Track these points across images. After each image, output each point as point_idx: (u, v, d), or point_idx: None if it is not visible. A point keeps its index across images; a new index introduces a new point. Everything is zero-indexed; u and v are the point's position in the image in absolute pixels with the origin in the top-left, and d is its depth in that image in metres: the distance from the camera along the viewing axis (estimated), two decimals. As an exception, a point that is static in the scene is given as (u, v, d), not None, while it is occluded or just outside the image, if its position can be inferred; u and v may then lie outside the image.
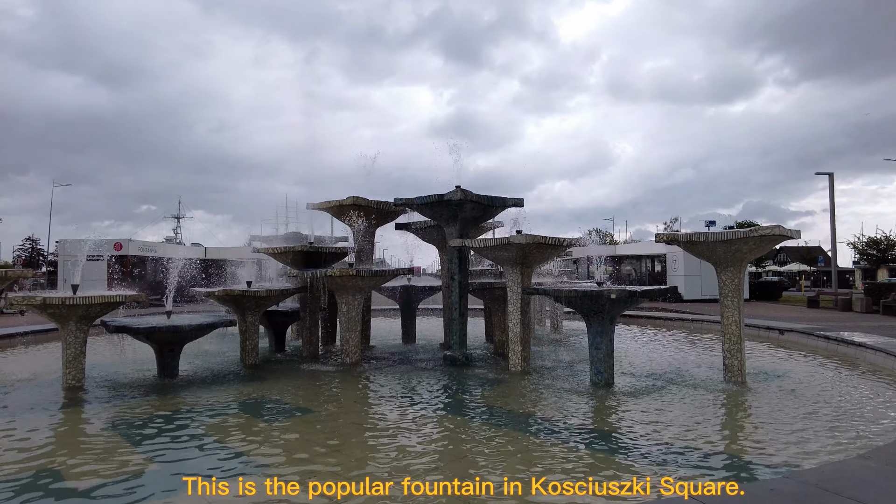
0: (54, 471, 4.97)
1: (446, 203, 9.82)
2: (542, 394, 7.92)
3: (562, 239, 9.20)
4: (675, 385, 8.40)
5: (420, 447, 5.63)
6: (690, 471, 4.88)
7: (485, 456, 5.33)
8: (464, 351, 10.33)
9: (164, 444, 5.75)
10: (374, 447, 5.64)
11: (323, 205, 11.94)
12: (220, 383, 8.83)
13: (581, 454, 5.37)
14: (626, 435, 5.97)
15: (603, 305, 8.15)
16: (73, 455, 5.37)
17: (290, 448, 5.61)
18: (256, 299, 10.20)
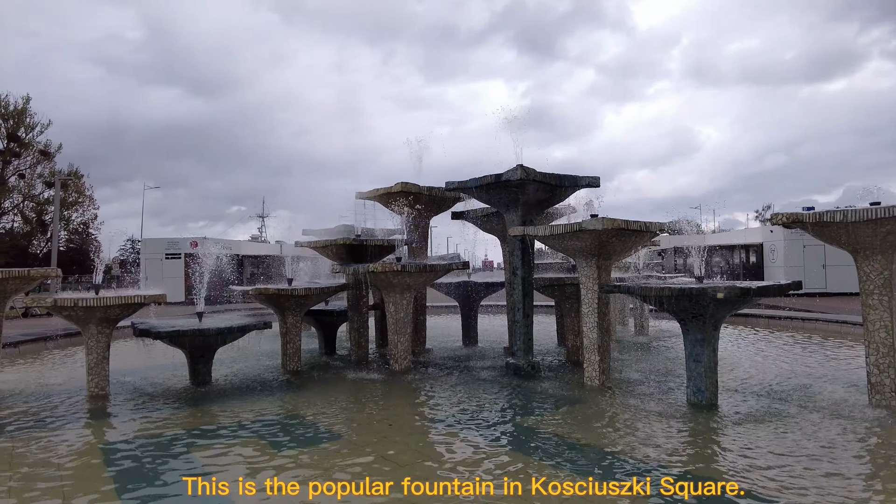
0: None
1: (504, 184, 8.31)
2: (627, 419, 6.28)
3: (649, 223, 7.46)
4: (801, 408, 6.51)
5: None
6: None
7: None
8: (529, 358, 8.81)
9: (143, 478, 4.68)
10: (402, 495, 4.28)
11: (370, 193, 10.77)
12: (252, 394, 7.83)
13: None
14: (747, 485, 4.27)
15: (705, 307, 6.39)
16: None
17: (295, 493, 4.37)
18: (295, 298, 9.15)
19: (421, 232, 10.85)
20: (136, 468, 5.00)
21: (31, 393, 7.98)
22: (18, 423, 6.45)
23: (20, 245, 41.12)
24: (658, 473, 4.64)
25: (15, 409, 7.13)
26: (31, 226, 44.15)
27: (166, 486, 4.60)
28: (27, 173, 43.45)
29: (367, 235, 10.87)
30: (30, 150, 43.57)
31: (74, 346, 12.08)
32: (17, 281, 8.12)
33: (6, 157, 43.48)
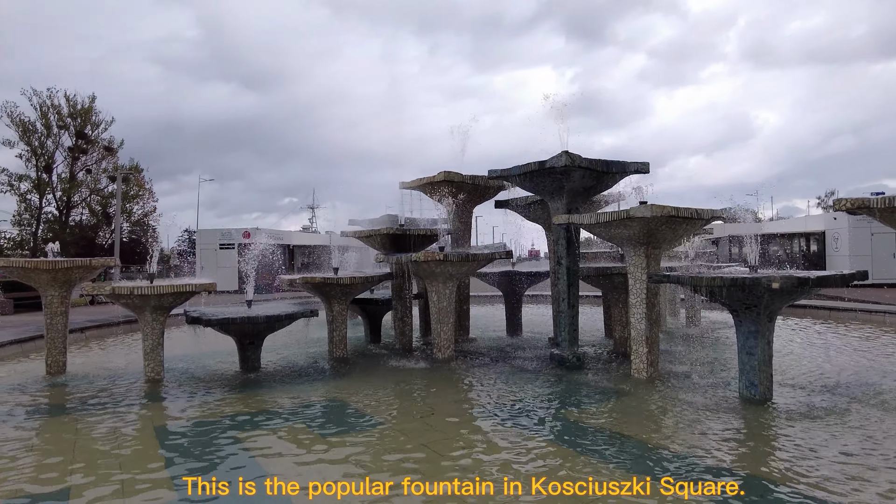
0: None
1: (549, 171, 8.14)
2: (676, 413, 6.07)
3: (700, 210, 7.16)
4: (863, 405, 6.14)
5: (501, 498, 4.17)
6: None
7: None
8: (574, 350, 8.64)
9: (192, 454, 4.84)
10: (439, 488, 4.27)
11: (414, 183, 10.77)
12: (300, 380, 8.00)
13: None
14: (807, 487, 4.05)
15: (759, 298, 6.09)
16: (83, 469, 4.61)
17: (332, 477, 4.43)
18: (340, 287, 9.27)
19: (464, 221, 10.80)
20: (186, 448, 5.19)
21: (96, 376, 8.40)
22: (83, 404, 6.81)
23: (88, 236, 43.39)
24: (711, 470, 4.46)
25: (81, 390, 7.52)
26: (98, 218, 46.46)
27: (213, 464, 4.75)
28: (93, 168, 45.66)
29: (411, 225, 10.89)
30: (95, 146, 45.76)
31: (135, 333, 12.63)
32: (81, 270, 8.55)
33: (75, 153, 45.84)
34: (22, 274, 8.37)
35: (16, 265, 8.29)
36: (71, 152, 45.60)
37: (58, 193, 44.77)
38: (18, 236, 47.12)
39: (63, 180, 45.08)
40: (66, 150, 45.52)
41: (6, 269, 8.33)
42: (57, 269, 8.24)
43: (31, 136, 43.73)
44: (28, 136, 43.70)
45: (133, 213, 50.70)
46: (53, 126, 44.58)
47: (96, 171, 46.32)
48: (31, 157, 43.77)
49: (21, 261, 8.34)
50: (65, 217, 45.47)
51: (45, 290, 8.49)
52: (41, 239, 44.06)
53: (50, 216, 45.10)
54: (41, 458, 5.01)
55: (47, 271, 8.24)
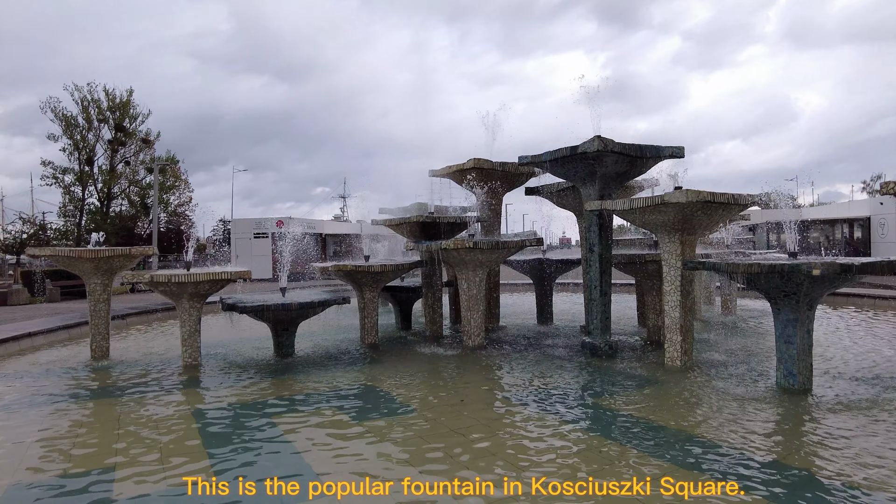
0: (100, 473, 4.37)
1: (581, 157, 8.02)
2: (710, 402, 5.95)
3: (737, 196, 6.97)
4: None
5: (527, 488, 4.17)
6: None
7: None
8: (606, 338, 8.55)
9: (228, 436, 4.96)
10: (466, 481, 4.29)
11: (443, 170, 10.74)
12: (333, 365, 8.12)
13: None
14: (847, 480, 3.94)
15: (798, 285, 5.90)
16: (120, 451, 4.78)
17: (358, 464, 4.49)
18: (371, 275, 9.35)
19: (494, 208, 10.73)
20: (221, 430, 5.33)
21: (137, 361, 8.69)
22: (125, 388, 7.05)
23: (127, 226, 44.65)
24: (746, 463, 4.38)
25: (123, 375, 7.79)
26: (136, 209, 47.77)
27: (247, 446, 4.86)
28: (131, 160, 46.89)
29: (441, 213, 10.89)
30: (133, 138, 46.95)
31: (173, 320, 13.00)
32: (121, 258, 8.82)
33: (114, 146, 47.15)
34: (67, 262, 8.68)
35: (62, 254, 8.60)
36: (110, 145, 46.91)
37: (99, 185, 46.17)
38: (64, 227, 48.80)
39: (103, 172, 46.46)
40: (105, 142, 46.85)
41: (53, 257, 8.64)
42: (99, 257, 8.52)
43: (73, 130, 45.12)
44: (70, 130, 45.10)
45: (170, 203, 51.97)
46: (94, 120, 45.90)
47: (134, 163, 47.58)
48: (74, 151, 45.20)
49: (66, 250, 8.64)
50: (106, 208, 46.88)
51: (89, 278, 8.79)
52: (84, 229, 45.55)
53: (92, 207, 46.57)
54: (88, 438, 5.21)
55: (90, 260, 8.53)
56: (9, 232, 45.10)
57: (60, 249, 8.70)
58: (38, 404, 6.32)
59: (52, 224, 47.06)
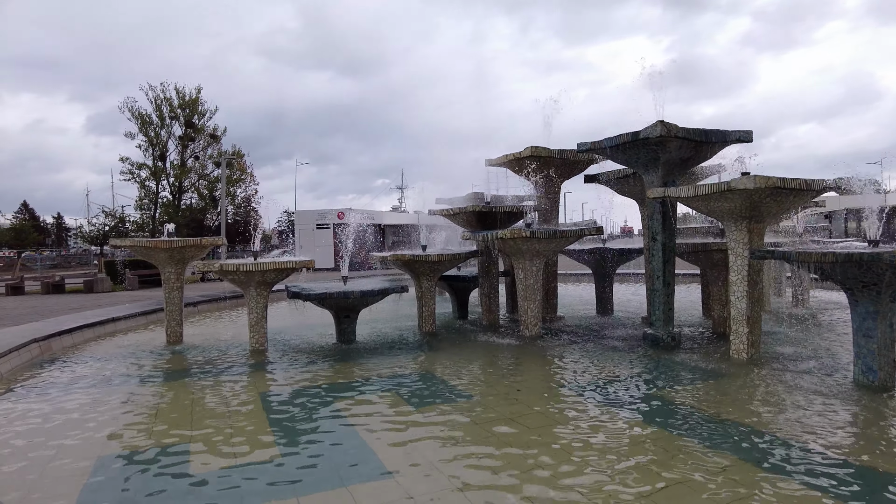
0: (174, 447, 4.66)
1: (643, 143, 7.80)
2: (780, 397, 5.71)
3: (810, 181, 6.61)
4: None
5: (586, 483, 4.15)
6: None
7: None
8: (669, 329, 8.33)
9: (293, 416, 5.17)
10: (523, 469, 4.31)
11: (500, 160, 10.69)
12: (392, 352, 8.30)
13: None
14: (928, 484, 3.71)
15: (880, 275, 5.56)
16: (187, 427, 5.06)
17: (412, 451, 4.59)
18: (428, 264, 9.46)
19: (551, 197, 10.61)
20: (287, 410, 5.56)
21: (208, 346, 9.16)
22: (197, 371, 7.46)
23: (197, 219, 46.87)
24: (824, 464, 4.19)
25: (196, 358, 8.24)
26: (206, 201, 49.98)
27: (311, 426, 5.06)
28: (200, 155, 49.03)
29: (497, 202, 10.87)
30: (202, 134, 49.10)
31: (241, 307, 13.60)
32: (193, 249, 9.29)
33: (184, 141, 49.48)
34: (144, 253, 9.24)
35: (139, 245, 9.16)
36: (181, 140, 49.25)
37: (171, 179, 48.60)
38: (140, 219, 51.71)
39: (175, 167, 48.85)
40: (176, 138, 49.23)
41: (132, 248, 9.21)
42: (173, 247, 9.01)
43: (148, 128, 47.65)
44: (146, 127, 47.65)
45: (236, 195, 54.10)
46: (166, 117, 48.32)
47: (203, 158, 49.74)
48: (149, 147, 47.75)
49: (144, 241, 9.20)
50: (177, 201, 49.33)
51: (164, 267, 9.32)
52: (158, 221, 48.14)
53: (165, 200, 49.09)
54: (165, 416, 5.55)
55: (165, 250, 9.04)
56: (93, 225, 48.20)
57: (139, 241, 9.28)
58: (120, 384, 6.78)
59: (129, 217, 49.91)
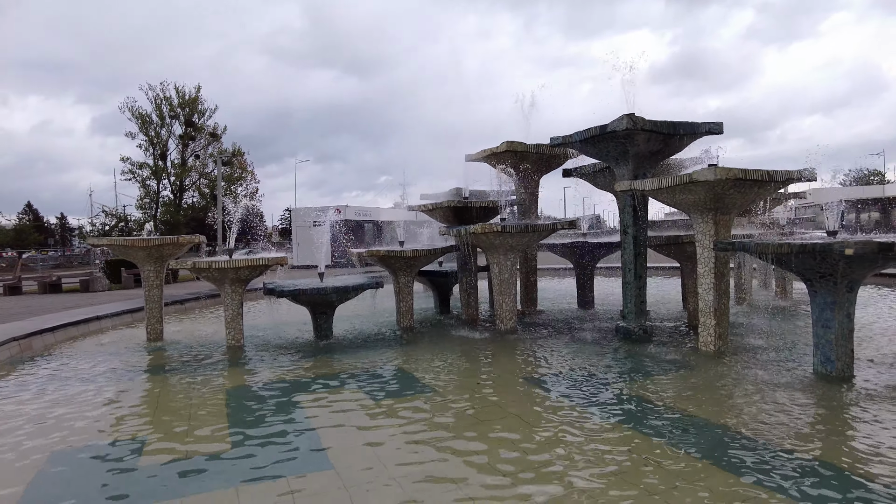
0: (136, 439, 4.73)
1: (611, 136, 7.80)
2: (738, 390, 5.70)
3: (774, 172, 6.59)
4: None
5: (530, 475, 4.19)
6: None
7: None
8: (641, 322, 8.34)
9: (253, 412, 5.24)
10: (468, 462, 4.36)
11: (478, 155, 10.70)
12: (366, 348, 8.34)
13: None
14: (888, 482, 3.72)
15: (834, 266, 5.55)
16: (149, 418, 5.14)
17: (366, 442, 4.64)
18: (404, 260, 9.51)
19: (530, 191, 10.62)
20: (248, 407, 5.62)
21: (187, 343, 9.24)
22: (170, 368, 7.54)
23: (199, 217, 47.07)
24: (778, 459, 4.21)
25: (171, 355, 8.32)
26: (206, 200, 50.16)
27: (267, 421, 5.13)
28: (201, 154, 49.24)
29: (479, 197, 10.87)
30: (202, 133, 49.32)
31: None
32: (171, 246, 9.37)
33: (185, 140, 49.67)
34: (122, 251, 9.33)
35: (116, 243, 9.25)
36: (181, 139, 49.45)
37: (171, 178, 48.84)
38: (142, 219, 51.99)
39: (175, 166, 49.07)
40: (177, 137, 49.41)
41: (110, 246, 9.30)
42: (150, 245, 9.09)
43: (148, 127, 47.85)
44: (146, 127, 47.85)
45: (237, 194, 54.28)
46: (166, 116, 48.52)
47: (203, 157, 49.95)
48: (149, 147, 47.98)
49: (121, 239, 9.30)
50: (178, 200, 49.56)
51: (143, 265, 9.41)
52: (160, 220, 48.41)
53: (166, 199, 49.34)
54: (128, 412, 5.63)
55: (142, 248, 9.12)
56: (93, 224, 48.52)
57: (115, 239, 9.39)
58: (90, 381, 6.85)
59: (131, 216, 50.18)
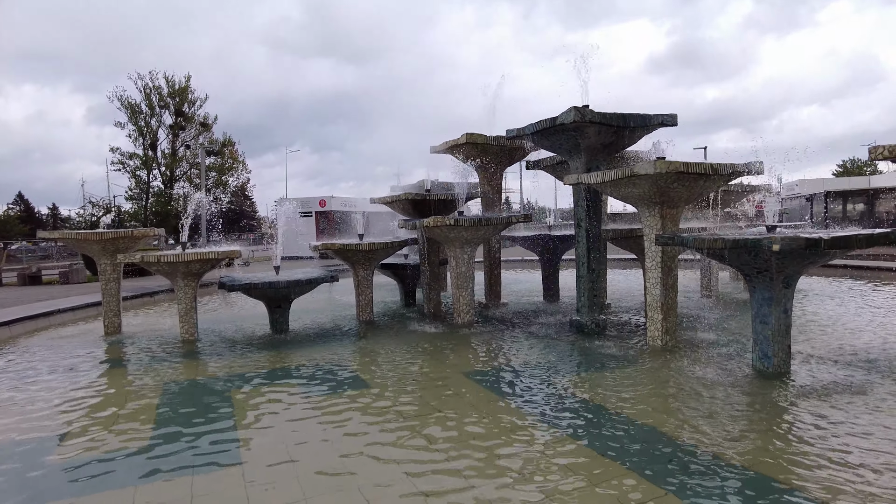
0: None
1: (562, 128, 7.70)
2: (679, 385, 5.65)
3: (717, 166, 6.51)
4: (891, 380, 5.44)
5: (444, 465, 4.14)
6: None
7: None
8: (595, 316, 8.29)
9: (182, 407, 5.19)
10: (384, 459, 4.31)
11: (442, 146, 10.58)
12: (317, 342, 8.29)
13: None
14: (807, 481, 3.67)
15: (768, 261, 5.48)
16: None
17: (289, 436, 4.59)
18: (361, 253, 9.43)
19: (493, 184, 10.52)
20: (179, 402, 5.57)
21: (143, 336, 9.18)
22: (119, 362, 7.55)
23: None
24: (709, 465, 4.16)
25: (123, 349, 8.27)
26: (197, 191, 49.90)
27: (194, 416, 5.08)
28: (191, 144, 48.98)
29: (446, 189, 10.76)
30: (192, 122, 49.03)
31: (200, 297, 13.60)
32: (126, 240, 9.28)
33: (175, 130, 49.38)
34: (76, 245, 9.25)
35: (69, 237, 9.16)
36: (171, 129, 49.16)
37: (162, 169, 48.61)
38: (132, 210, 51.75)
39: (166, 156, 48.82)
40: (167, 127, 49.12)
41: (63, 239, 9.21)
42: (104, 239, 9.00)
43: (137, 117, 47.56)
44: (135, 117, 47.56)
45: (228, 184, 54.01)
46: (156, 106, 48.21)
47: (194, 147, 49.67)
48: (139, 137, 47.71)
49: (73, 233, 9.20)
50: (169, 190, 49.32)
51: (99, 258, 9.32)
52: (151, 211, 48.23)
53: (157, 189, 49.12)
54: (61, 406, 5.57)
55: (97, 242, 9.03)
56: (81, 215, 48.37)
57: (68, 233, 9.27)
58: (34, 376, 6.81)
59: (121, 207, 49.96)
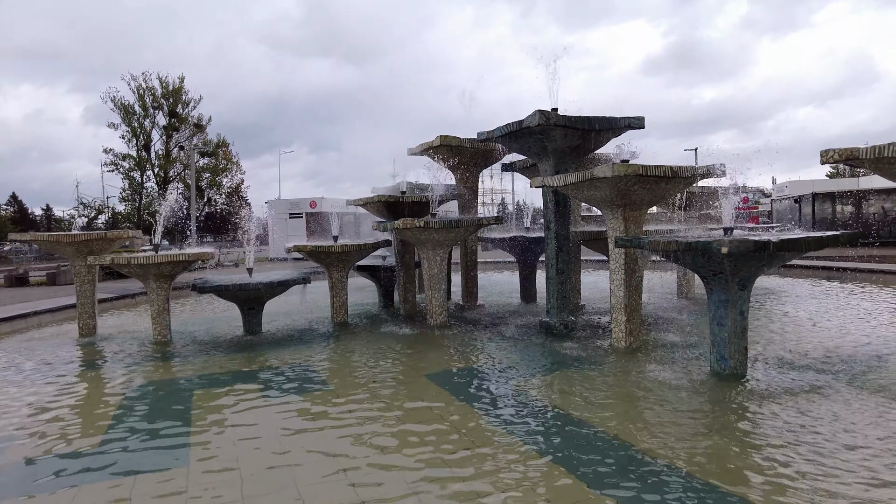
0: None
1: (528, 131, 7.74)
2: (638, 387, 5.68)
3: (677, 168, 6.55)
4: (852, 386, 5.46)
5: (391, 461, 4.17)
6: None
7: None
8: (563, 317, 8.33)
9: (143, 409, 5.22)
10: (328, 463, 4.34)
11: (417, 148, 10.62)
12: (288, 344, 8.29)
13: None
14: (750, 486, 3.71)
15: (721, 263, 5.52)
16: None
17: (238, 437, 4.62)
18: (334, 255, 9.46)
19: (469, 186, 10.56)
20: (140, 404, 5.60)
21: (116, 338, 9.19)
22: (88, 363, 7.57)
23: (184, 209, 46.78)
24: (665, 470, 4.20)
25: (96, 351, 8.30)
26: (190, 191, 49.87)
27: (150, 418, 5.14)
28: (185, 145, 49.03)
29: (423, 192, 10.79)
30: (186, 123, 49.05)
31: (177, 299, 13.64)
32: (99, 242, 9.29)
33: (169, 131, 49.40)
34: (49, 246, 9.26)
35: (41, 238, 9.17)
36: (165, 130, 49.17)
37: (155, 170, 48.62)
38: (126, 211, 51.74)
39: (159, 157, 48.84)
40: (161, 128, 49.14)
41: (35, 242, 9.22)
42: (77, 241, 9.02)
43: (131, 118, 47.54)
44: (129, 117, 47.54)
45: (223, 185, 54.01)
46: (149, 107, 48.19)
47: (188, 148, 49.70)
48: (132, 138, 47.71)
49: (45, 235, 9.21)
50: (163, 191, 49.31)
51: (73, 260, 9.33)
52: (144, 212, 48.19)
53: (150, 190, 49.14)
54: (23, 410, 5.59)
55: (69, 244, 9.04)
56: (71, 216, 48.35)
57: (40, 235, 9.28)
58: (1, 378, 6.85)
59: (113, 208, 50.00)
